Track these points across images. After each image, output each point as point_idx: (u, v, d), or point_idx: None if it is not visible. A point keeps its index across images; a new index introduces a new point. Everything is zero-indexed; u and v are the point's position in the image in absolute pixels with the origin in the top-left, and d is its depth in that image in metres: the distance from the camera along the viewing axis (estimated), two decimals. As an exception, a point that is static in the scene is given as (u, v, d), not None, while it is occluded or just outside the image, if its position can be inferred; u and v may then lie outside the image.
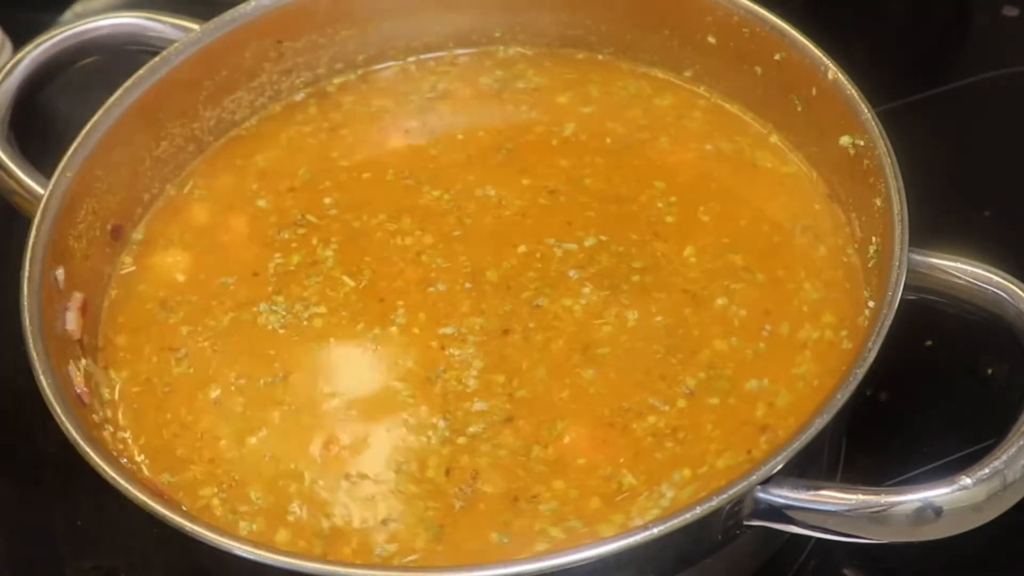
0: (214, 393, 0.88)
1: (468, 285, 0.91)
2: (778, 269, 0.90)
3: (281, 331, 0.91)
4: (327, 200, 0.97)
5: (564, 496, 0.82)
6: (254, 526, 0.83)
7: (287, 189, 0.98)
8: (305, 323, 0.91)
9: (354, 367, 0.89)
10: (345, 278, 0.92)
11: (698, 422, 0.83)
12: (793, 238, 0.92)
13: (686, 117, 0.99)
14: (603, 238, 0.92)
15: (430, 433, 0.85)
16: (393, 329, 0.89)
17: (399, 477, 0.83)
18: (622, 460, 0.82)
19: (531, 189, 0.96)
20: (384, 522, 0.82)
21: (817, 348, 0.86)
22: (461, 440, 0.84)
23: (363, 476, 0.84)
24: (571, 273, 0.90)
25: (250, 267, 0.94)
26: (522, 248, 0.92)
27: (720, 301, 0.89)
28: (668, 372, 0.86)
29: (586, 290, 0.89)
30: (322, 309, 0.91)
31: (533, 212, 0.95)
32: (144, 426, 0.88)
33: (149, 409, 0.88)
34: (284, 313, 0.91)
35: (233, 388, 0.88)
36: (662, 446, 0.83)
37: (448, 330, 0.89)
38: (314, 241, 0.95)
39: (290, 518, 0.83)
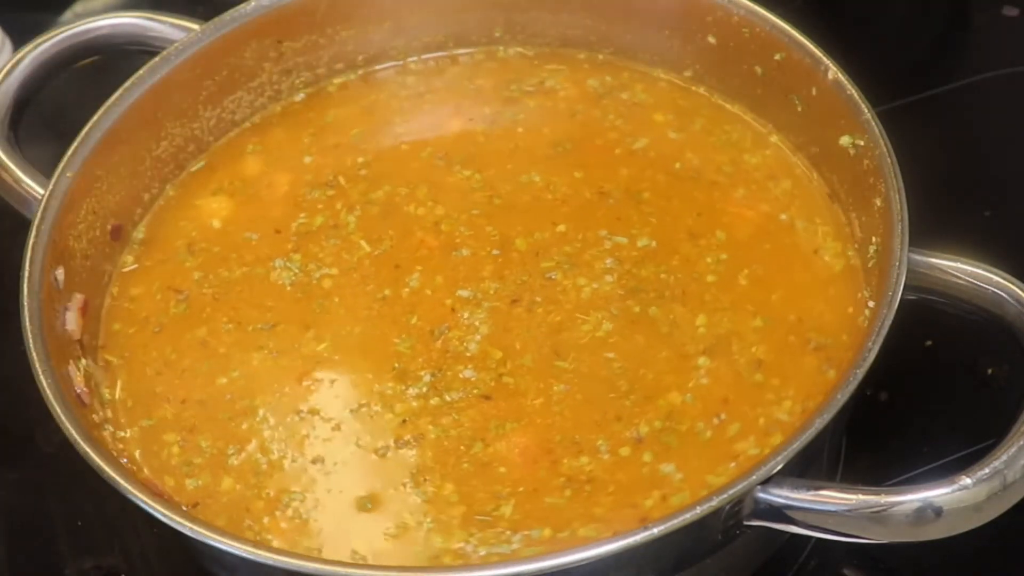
0: (201, 333, 0.91)
1: (496, 252, 0.92)
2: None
3: (288, 287, 0.93)
4: (360, 159, 0.99)
5: (442, 497, 0.82)
6: (200, 482, 0.84)
7: (332, 146, 1.00)
8: (314, 282, 0.92)
9: (351, 320, 0.91)
10: (363, 243, 0.94)
11: (612, 479, 0.82)
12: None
13: (772, 180, 0.95)
14: (653, 244, 0.92)
15: (410, 384, 0.87)
16: (405, 291, 0.91)
17: (350, 417, 0.86)
18: (522, 489, 0.82)
19: (582, 182, 0.96)
20: (314, 461, 0.84)
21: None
22: (434, 401, 0.86)
23: (313, 412, 0.86)
24: (607, 261, 0.91)
25: (275, 224, 0.96)
26: (562, 228, 0.93)
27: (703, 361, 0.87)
28: (626, 414, 0.84)
29: (608, 278, 0.90)
30: (334, 271, 0.93)
31: (578, 202, 0.95)
32: (132, 363, 0.90)
33: (139, 348, 0.91)
34: (296, 271, 0.93)
35: (221, 331, 0.91)
36: (562, 493, 0.81)
37: (465, 292, 0.90)
38: (338, 205, 0.96)
39: (233, 461, 0.85)
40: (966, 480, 0.74)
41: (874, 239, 0.87)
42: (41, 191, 0.90)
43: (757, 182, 0.95)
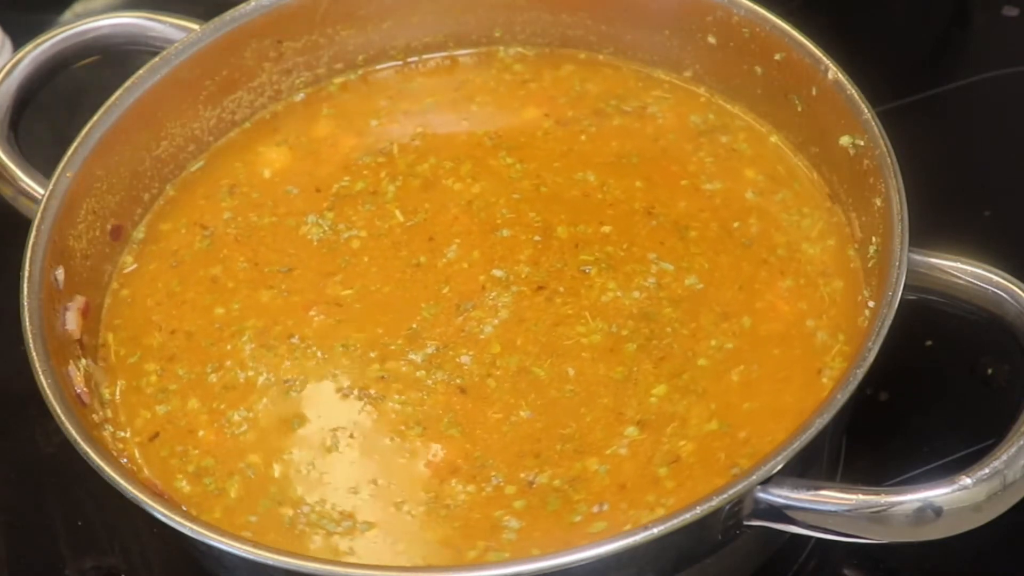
0: (215, 270, 0.93)
1: (537, 238, 0.92)
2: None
3: (315, 242, 0.94)
4: (419, 129, 1.00)
5: (345, 458, 0.84)
6: (168, 407, 0.87)
7: (402, 112, 1.02)
8: (342, 241, 0.94)
9: (381, 279, 0.92)
10: (397, 212, 0.95)
11: (465, 514, 0.81)
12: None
13: (823, 278, 0.90)
14: (699, 287, 0.89)
15: (414, 348, 0.88)
16: (441, 262, 0.92)
17: (340, 352, 0.88)
18: (400, 491, 0.82)
19: (638, 193, 0.94)
20: (288, 381, 0.87)
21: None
22: (420, 373, 0.87)
23: (305, 339, 0.89)
24: (648, 280, 0.89)
25: (318, 183, 0.98)
26: (606, 229, 0.92)
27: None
28: (545, 456, 0.82)
29: (636, 295, 0.89)
30: (363, 233, 0.94)
31: (626, 210, 0.93)
32: (137, 295, 0.93)
33: (149, 281, 0.94)
34: (326, 228, 0.95)
35: (236, 268, 0.93)
36: (424, 509, 0.81)
37: (499, 272, 0.91)
38: (383, 173, 0.97)
39: (213, 378, 0.88)
40: (966, 480, 0.74)
41: (874, 239, 0.87)
42: (41, 191, 0.90)
43: (807, 277, 0.90)
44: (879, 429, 0.95)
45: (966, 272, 0.82)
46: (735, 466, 0.78)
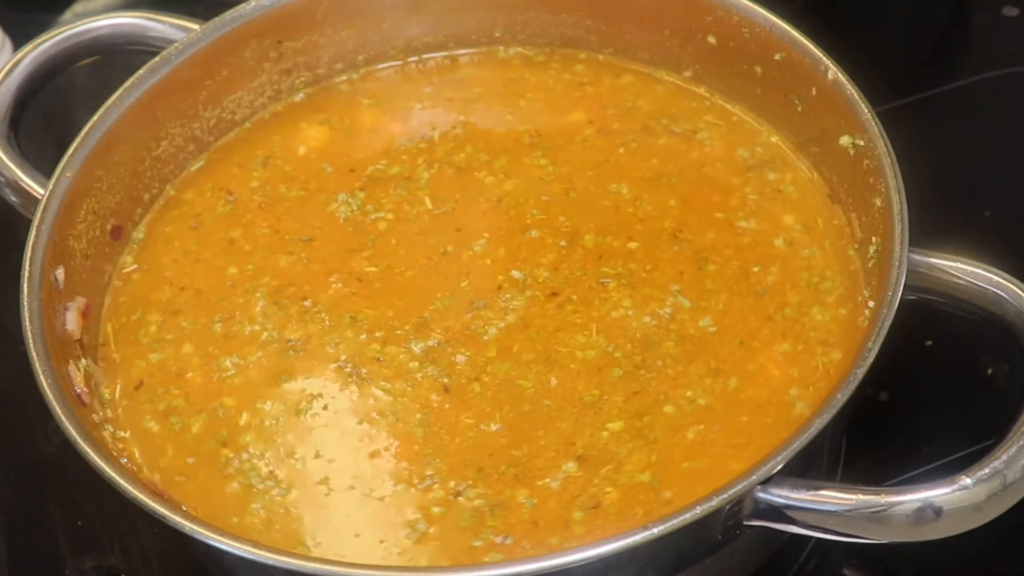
0: (234, 232, 0.95)
1: (563, 243, 0.92)
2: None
3: (341, 219, 0.95)
4: (461, 118, 1.00)
5: (303, 424, 0.86)
6: (162, 356, 0.89)
7: (447, 99, 1.02)
8: (368, 222, 0.95)
9: (407, 262, 0.93)
10: (427, 199, 0.95)
11: (369, 512, 0.81)
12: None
13: (823, 347, 0.87)
14: (712, 330, 0.87)
15: (417, 338, 0.88)
16: (467, 254, 0.92)
17: (347, 323, 0.89)
18: (341, 475, 0.83)
19: (671, 212, 0.93)
20: (290, 341, 0.89)
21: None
22: (413, 364, 0.87)
23: (317, 304, 0.90)
24: (664, 309, 0.88)
25: (354, 163, 0.98)
26: (633, 245, 0.92)
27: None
28: (489, 474, 0.82)
29: (647, 319, 0.88)
30: (390, 216, 0.95)
31: (654, 228, 0.92)
32: (153, 253, 0.95)
33: (167, 240, 0.96)
34: (355, 208, 0.95)
35: (256, 233, 0.95)
36: (355, 497, 0.82)
37: (518, 274, 0.90)
38: (420, 160, 0.98)
39: (218, 327, 0.90)
40: (966, 480, 0.74)
41: (874, 239, 0.87)
42: (41, 191, 0.90)
43: (807, 343, 0.87)
44: (879, 429, 0.95)
45: (966, 272, 0.82)
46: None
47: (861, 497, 0.74)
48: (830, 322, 0.87)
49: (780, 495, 0.75)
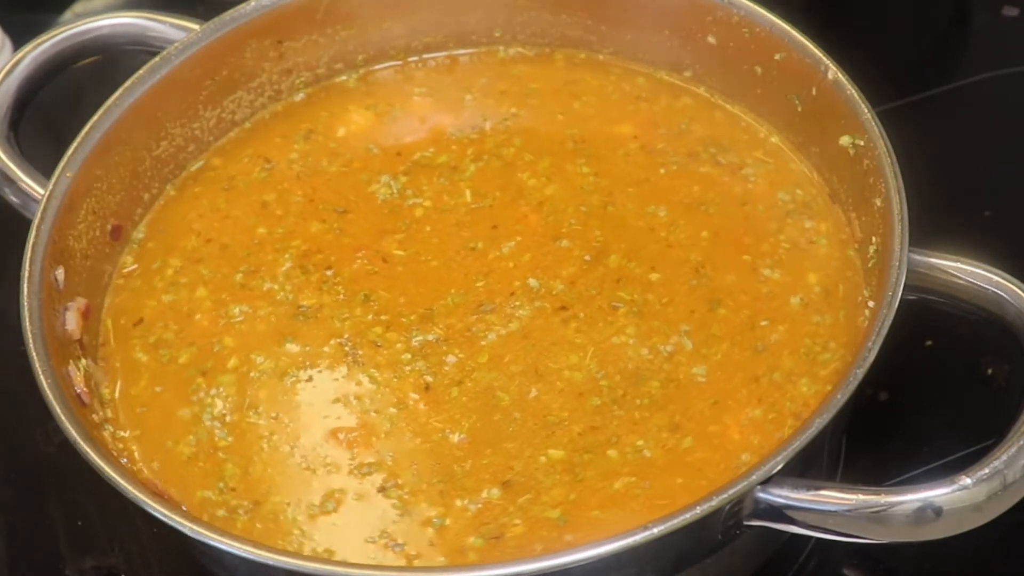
0: (268, 197, 0.97)
1: (587, 257, 0.91)
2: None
3: (379, 200, 0.96)
4: (513, 111, 1.00)
5: (275, 383, 0.87)
6: (175, 296, 0.92)
7: (500, 92, 1.02)
8: (406, 206, 0.95)
9: (436, 251, 0.93)
10: (467, 192, 0.96)
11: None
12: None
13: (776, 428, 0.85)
14: (701, 379, 0.85)
15: (418, 331, 0.89)
16: (494, 254, 0.92)
17: (359, 302, 0.90)
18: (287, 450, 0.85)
19: (701, 244, 0.91)
20: (302, 307, 0.90)
21: None
22: (405, 356, 0.88)
23: (338, 276, 0.91)
24: (666, 347, 0.86)
25: (401, 148, 0.99)
26: (655, 276, 0.90)
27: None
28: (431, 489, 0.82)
29: (645, 351, 0.86)
30: (427, 203, 0.95)
31: (679, 256, 0.91)
32: (179, 206, 0.97)
33: (196, 198, 0.98)
34: (395, 191, 0.96)
35: (290, 200, 0.96)
36: (293, 466, 0.84)
37: (534, 282, 0.90)
38: (469, 151, 0.98)
39: (238, 277, 0.92)
40: (966, 480, 0.74)
41: (874, 239, 0.87)
42: (41, 191, 0.90)
43: (779, 413, 0.84)
44: (879, 429, 0.95)
45: (966, 272, 0.82)
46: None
47: (861, 497, 0.74)
48: (812, 396, 0.84)
49: (780, 495, 0.75)
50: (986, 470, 0.74)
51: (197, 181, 0.99)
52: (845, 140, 0.90)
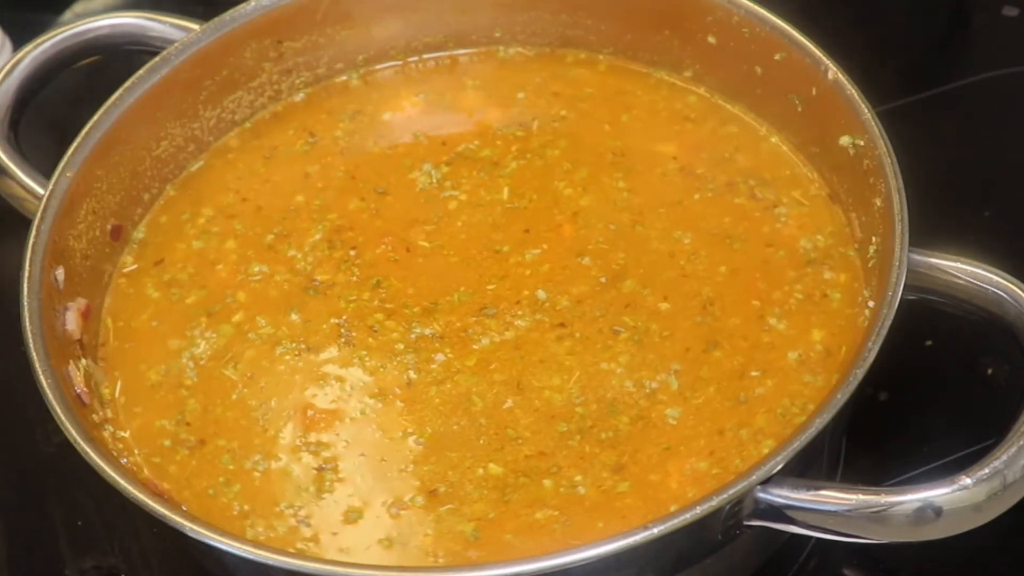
0: (311, 168, 0.98)
1: (603, 279, 0.90)
2: None
3: (417, 188, 0.97)
4: (562, 113, 1.00)
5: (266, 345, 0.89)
6: (203, 244, 0.95)
7: (552, 93, 1.01)
8: (442, 197, 0.96)
9: (461, 248, 0.93)
10: (505, 190, 0.96)
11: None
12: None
13: None
14: (669, 423, 0.84)
15: (419, 324, 0.89)
16: (516, 259, 0.92)
17: (370, 288, 0.91)
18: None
19: (719, 281, 0.90)
20: (316, 281, 0.91)
21: None
22: (399, 346, 0.88)
23: (359, 257, 0.92)
24: (650, 383, 0.85)
25: (446, 138, 0.99)
26: (665, 306, 0.89)
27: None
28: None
29: (628, 384, 0.85)
30: (463, 197, 0.96)
31: (693, 288, 0.89)
32: (217, 167, 1.00)
33: (232, 158, 1.00)
34: (433, 180, 0.97)
35: (330, 174, 0.98)
36: (251, 431, 0.86)
37: (542, 294, 0.90)
38: (514, 148, 0.98)
39: (269, 238, 0.94)
40: (966, 480, 0.74)
41: (874, 239, 0.87)
42: (41, 191, 0.90)
43: (724, 467, 0.82)
44: (879, 429, 0.95)
45: (966, 272, 0.82)
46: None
47: (861, 497, 0.74)
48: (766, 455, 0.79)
49: (780, 495, 0.75)
50: (986, 470, 0.74)
51: (233, 149, 1.00)
52: (845, 140, 0.90)
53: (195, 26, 0.98)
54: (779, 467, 0.74)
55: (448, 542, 0.80)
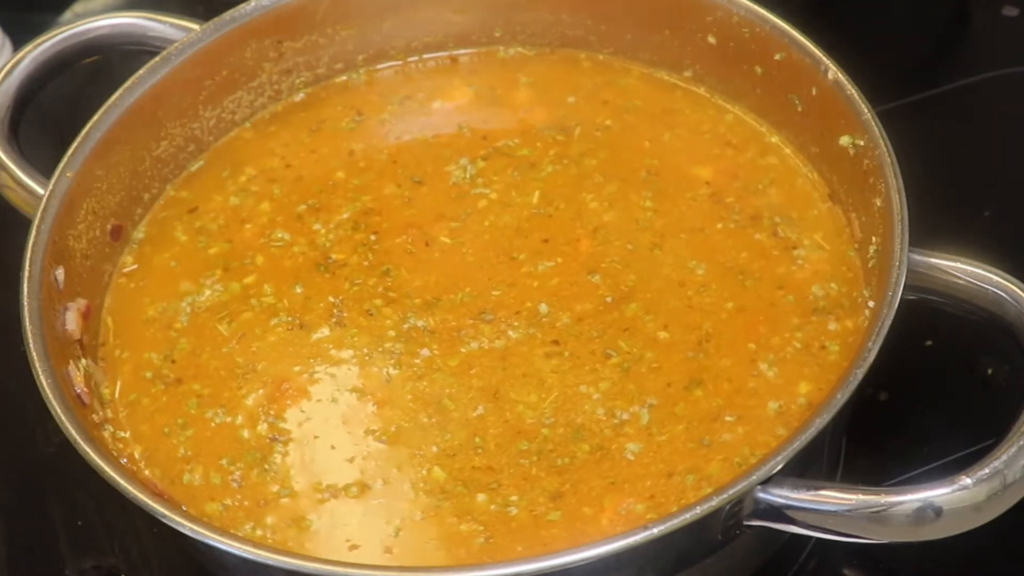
0: (356, 146, 0.98)
1: (610, 299, 0.89)
2: None
3: (451, 182, 0.97)
4: (607, 122, 1.00)
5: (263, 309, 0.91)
6: (239, 202, 0.97)
7: (602, 102, 1.01)
8: (472, 194, 0.96)
9: (479, 248, 0.93)
10: (536, 195, 0.96)
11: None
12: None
13: None
14: (628, 458, 0.83)
15: (415, 315, 0.89)
16: (528, 268, 0.91)
17: (377, 267, 0.92)
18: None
19: (726, 320, 0.88)
20: (329, 259, 0.93)
21: None
22: (390, 333, 0.89)
23: (380, 241, 0.93)
24: (621, 414, 0.84)
25: (487, 133, 0.99)
26: (664, 335, 0.87)
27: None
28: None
29: (599, 412, 0.84)
30: (494, 196, 0.96)
31: (692, 324, 0.88)
32: (256, 140, 1.01)
33: (279, 126, 1.02)
34: (468, 176, 0.97)
35: (376, 157, 0.98)
36: (222, 392, 0.88)
37: (544, 307, 0.89)
38: (552, 152, 0.98)
39: (301, 207, 0.95)
40: (966, 480, 0.74)
41: (874, 239, 0.87)
42: (41, 191, 0.90)
43: (659, 514, 0.80)
44: (879, 429, 0.95)
45: (966, 272, 0.82)
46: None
47: (861, 497, 0.74)
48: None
49: (780, 495, 0.75)
50: (986, 470, 0.74)
51: (278, 119, 1.02)
52: (845, 140, 0.90)
53: (195, 26, 0.98)
54: (779, 467, 0.74)
55: (367, 535, 0.81)
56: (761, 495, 0.75)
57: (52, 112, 1.12)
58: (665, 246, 0.92)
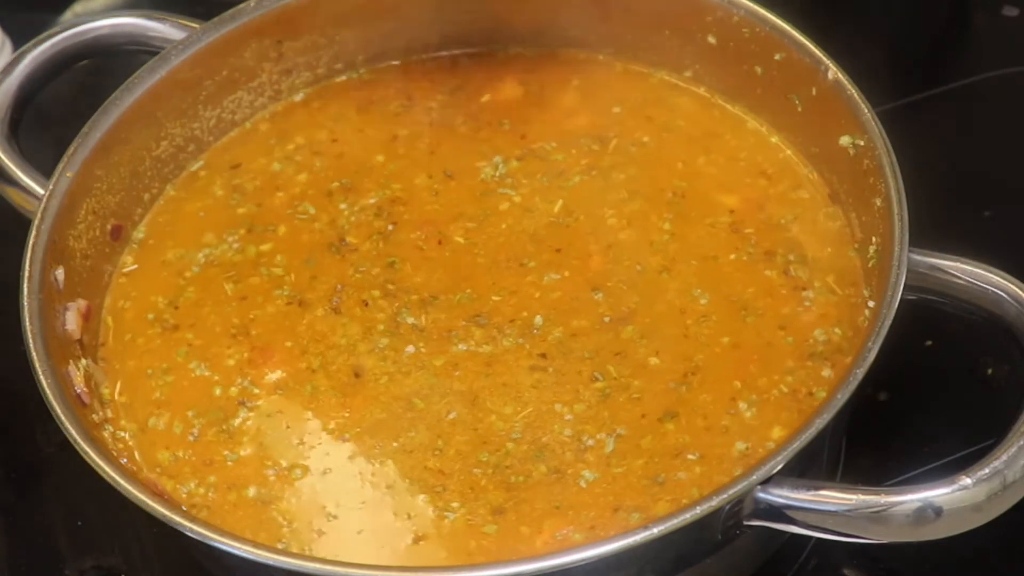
0: (400, 132, 0.99)
1: (607, 319, 0.88)
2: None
3: (479, 179, 0.97)
4: (645, 139, 0.98)
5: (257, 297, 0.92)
6: (281, 168, 0.98)
7: (645, 117, 1.00)
8: (497, 194, 0.96)
9: (492, 250, 0.93)
10: (559, 203, 0.95)
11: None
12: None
13: None
14: (582, 486, 0.82)
15: (409, 312, 0.90)
16: (534, 277, 0.91)
17: (384, 258, 0.92)
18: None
19: (720, 356, 0.86)
20: (343, 241, 0.93)
21: None
22: (380, 327, 0.89)
23: (394, 237, 0.93)
24: (599, 436, 0.83)
25: (527, 132, 0.99)
26: (654, 362, 0.86)
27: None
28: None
29: (567, 432, 0.84)
30: (517, 199, 0.95)
31: (690, 350, 0.86)
32: (304, 112, 1.03)
33: (324, 103, 1.03)
34: (497, 175, 0.96)
35: (415, 145, 0.99)
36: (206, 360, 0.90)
37: (539, 319, 0.89)
38: (584, 161, 0.97)
39: (334, 184, 0.97)
40: (966, 480, 0.74)
41: (874, 239, 0.87)
42: (41, 191, 0.91)
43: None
44: (879, 429, 0.95)
45: (966, 272, 0.82)
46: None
47: (861, 497, 0.74)
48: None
49: (780, 495, 0.75)
50: (986, 470, 0.74)
51: (333, 92, 1.03)
52: (845, 140, 0.90)
53: (195, 26, 0.98)
54: (779, 467, 0.74)
55: (303, 515, 0.82)
56: (761, 495, 0.75)
57: (52, 112, 1.12)
58: (674, 270, 0.91)
